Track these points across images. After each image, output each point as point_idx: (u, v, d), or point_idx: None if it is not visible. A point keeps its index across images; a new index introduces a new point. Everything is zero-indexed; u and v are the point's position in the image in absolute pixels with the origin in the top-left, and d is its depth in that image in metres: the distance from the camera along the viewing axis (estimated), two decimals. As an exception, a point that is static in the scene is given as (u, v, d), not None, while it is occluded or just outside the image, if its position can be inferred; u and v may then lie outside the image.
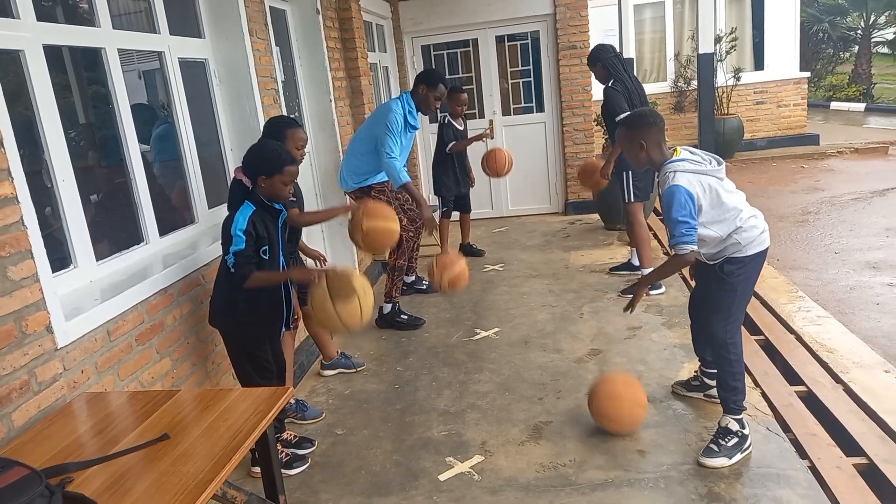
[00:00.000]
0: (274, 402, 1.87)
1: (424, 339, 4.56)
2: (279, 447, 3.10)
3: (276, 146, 2.86)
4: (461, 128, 6.14)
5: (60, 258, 2.61)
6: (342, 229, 5.41)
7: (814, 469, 2.80)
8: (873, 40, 18.70)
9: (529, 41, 7.78)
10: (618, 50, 5.25)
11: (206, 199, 3.67)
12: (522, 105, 7.99)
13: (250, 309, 2.81)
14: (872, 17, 18.08)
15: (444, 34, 7.81)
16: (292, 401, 3.57)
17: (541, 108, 7.87)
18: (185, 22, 3.71)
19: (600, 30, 10.32)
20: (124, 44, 3.07)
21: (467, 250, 6.52)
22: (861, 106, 16.85)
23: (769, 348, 4.01)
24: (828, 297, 5.07)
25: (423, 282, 5.55)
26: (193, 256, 3.16)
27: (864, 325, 4.52)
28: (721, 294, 2.90)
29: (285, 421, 3.51)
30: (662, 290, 4.96)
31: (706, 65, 3.67)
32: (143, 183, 3.11)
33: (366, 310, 2.80)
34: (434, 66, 7.96)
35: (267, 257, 2.82)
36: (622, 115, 4.80)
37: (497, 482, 2.89)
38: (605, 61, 5.05)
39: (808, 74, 12.12)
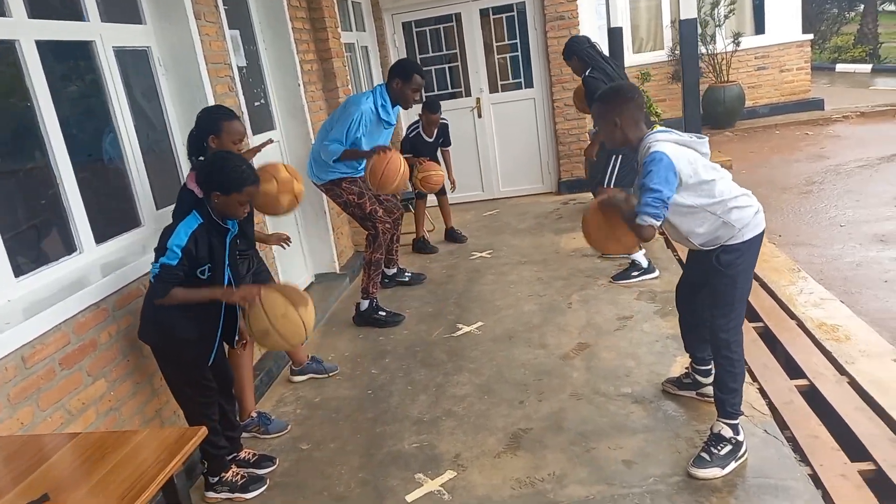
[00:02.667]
0: (180, 447, 1.61)
1: (403, 337, 4.30)
2: (233, 469, 2.86)
3: (241, 162, 2.57)
4: (430, 140, 5.82)
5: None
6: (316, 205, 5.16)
7: (815, 478, 2.53)
8: (879, -2, 18.08)
9: (515, 13, 7.40)
10: (593, 40, 5.04)
11: (152, 200, 3.39)
12: (511, 81, 7.64)
13: (183, 325, 2.55)
14: (878, -26, 17.46)
15: (426, 9, 7.44)
16: (254, 414, 3.32)
17: (529, 84, 7.52)
18: (122, 6, 3.41)
19: (591, -2, 9.93)
20: (44, 34, 2.78)
21: (451, 236, 6.24)
22: (867, 67, 16.32)
23: (768, 337, 3.73)
24: (833, 275, 4.77)
25: (406, 273, 5.28)
26: (135, 264, 2.90)
27: (872, 305, 4.23)
28: (721, 288, 2.61)
29: (249, 435, 3.28)
30: (656, 273, 4.67)
31: (689, 31, 3.34)
32: (73, 186, 2.83)
33: (308, 320, 2.62)
34: (417, 44, 7.62)
35: (205, 277, 2.59)
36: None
37: (468, 502, 2.64)
38: (581, 53, 4.80)
39: (811, 37, 11.66)
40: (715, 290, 2.64)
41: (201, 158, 3.06)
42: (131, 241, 3.20)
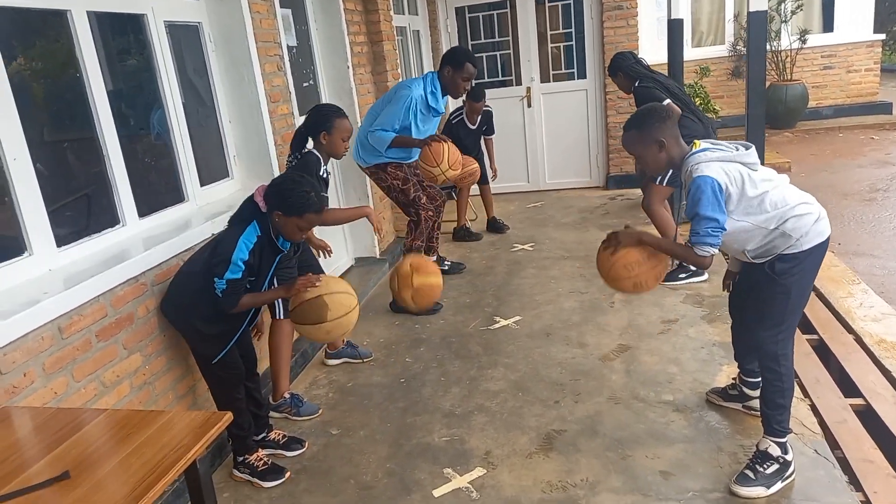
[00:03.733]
0: (204, 432, 1.58)
1: (439, 327, 4.24)
2: (258, 453, 2.85)
3: (309, 188, 2.56)
4: (473, 127, 5.75)
5: (14, 245, 2.37)
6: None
7: (868, 505, 2.38)
8: (960, -2, 17.10)
9: (572, 2, 7.21)
10: (639, 55, 4.85)
11: (197, 176, 3.39)
12: (563, 71, 7.47)
13: (204, 320, 2.62)
14: (960, -28, 16.52)
15: (480, -6, 7.32)
16: (287, 395, 3.31)
17: (582, 75, 7.33)
18: (176, -19, 3.40)
19: (652, -12, 9.63)
20: (95, 5, 2.78)
21: (493, 226, 6.14)
22: (942, 70, 15.49)
23: (823, 350, 3.54)
24: (894, 288, 4.51)
25: (446, 262, 5.21)
26: (176, 240, 2.90)
27: (937, 324, 3.97)
28: (772, 297, 2.46)
29: (280, 416, 3.27)
30: (705, 276, 4.50)
31: (758, 25, 3.15)
32: (118, 159, 2.84)
33: (346, 321, 2.73)
34: (469, 30, 7.50)
35: (249, 287, 2.62)
36: (664, 102, 4.35)
37: (496, 502, 2.57)
38: (626, 69, 4.62)
39: (882, 37, 11.08)
40: (765, 299, 2.49)
41: (299, 156, 3.27)
42: (175, 217, 3.20)
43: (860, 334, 3.57)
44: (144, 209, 3.02)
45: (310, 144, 3.36)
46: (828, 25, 10.60)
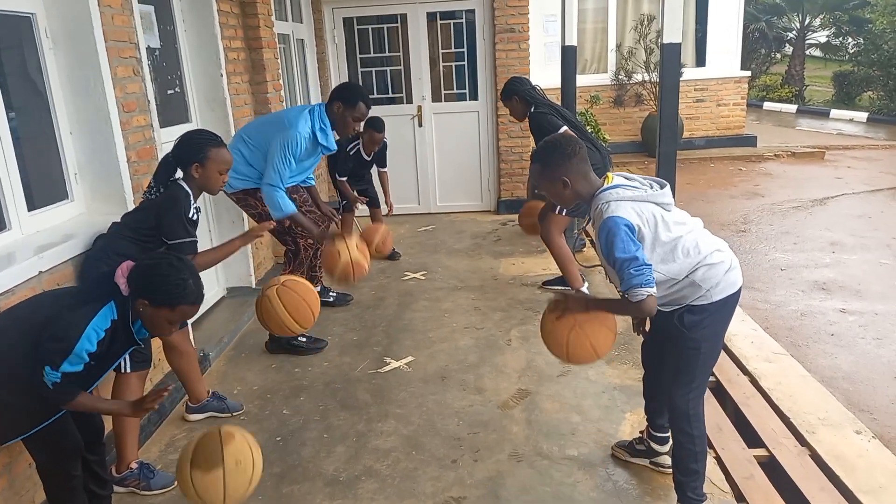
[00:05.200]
0: None
1: (323, 370, 3.80)
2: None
3: (187, 275, 2.09)
4: (368, 159, 5.42)
5: None
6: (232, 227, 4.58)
7: (785, 576, 2.23)
8: (807, 42, 18.88)
9: (464, 21, 7.02)
10: (534, 82, 4.69)
11: (23, 198, 2.78)
12: (455, 91, 7.25)
13: (18, 395, 2.08)
14: (808, 19, 18.23)
15: (370, 6, 6.97)
16: (135, 465, 2.76)
17: (474, 96, 7.15)
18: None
19: (540, 14, 9.71)
20: None
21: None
22: (793, 107, 16.95)
23: (720, 392, 3.47)
24: (778, 323, 4.60)
25: (331, 294, 4.78)
26: (-11, 279, 2.30)
27: (822, 362, 4.06)
28: (681, 353, 2.28)
29: (125, 491, 2.72)
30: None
31: (672, 57, 3.04)
32: None
33: (231, 491, 2.10)
34: (358, 42, 7.12)
35: (85, 371, 2.08)
36: (562, 129, 4.26)
37: None
38: (522, 94, 4.45)
39: (748, 74, 11.89)
40: (676, 354, 2.32)
41: (162, 188, 2.78)
42: (-11, 250, 2.58)
43: (755, 376, 3.53)
44: (-54, 241, 2.39)
45: (178, 173, 2.84)
46: (700, 60, 11.18)
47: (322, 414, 3.33)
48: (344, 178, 5.29)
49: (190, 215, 2.75)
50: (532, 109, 4.46)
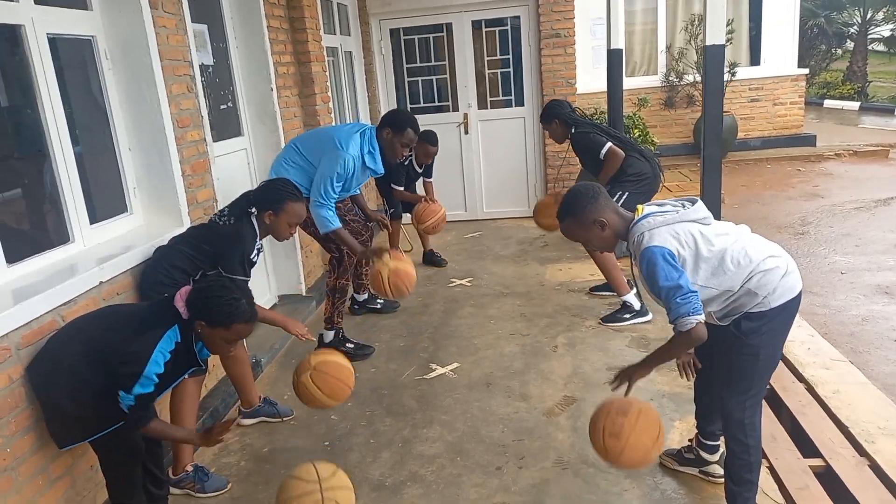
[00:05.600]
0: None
1: (370, 377, 3.86)
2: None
3: (239, 295, 2.22)
4: (419, 171, 5.53)
5: None
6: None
7: (841, 591, 2.15)
8: (869, 37, 18.14)
9: (509, 28, 7.04)
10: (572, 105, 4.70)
11: (86, 212, 2.93)
12: (501, 98, 7.26)
13: (82, 406, 2.21)
14: (870, 13, 17.51)
15: (416, 17, 7.06)
16: (190, 468, 2.86)
17: (520, 102, 7.15)
18: (64, -12, 2.96)
19: (587, 18, 9.64)
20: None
21: (430, 259, 5.82)
22: (855, 105, 16.30)
23: (774, 401, 3.36)
24: (838, 329, 4.43)
25: (378, 300, 4.84)
26: (55, 290, 2.44)
27: (883, 368, 3.89)
28: (738, 359, 2.22)
29: (181, 492, 2.82)
30: (649, 317, 4.30)
31: (715, 59, 2.98)
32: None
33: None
34: (404, 53, 7.22)
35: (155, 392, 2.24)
36: (606, 146, 4.25)
37: None
38: (563, 116, 4.47)
39: (806, 71, 11.49)
40: (732, 361, 2.26)
41: (232, 220, 2.90)
42: (55, 261, 2.72)
43: (812, 383, 3.41)
44: (14, 253, 2.54)
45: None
46: (755, 59, 10.87)
47: (369, 419, 3.39)
48: (401, 188, 5.35)
49: (251, 256, 2.89)
50: (573, 130, 4.45)
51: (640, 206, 2.25)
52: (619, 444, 2.11)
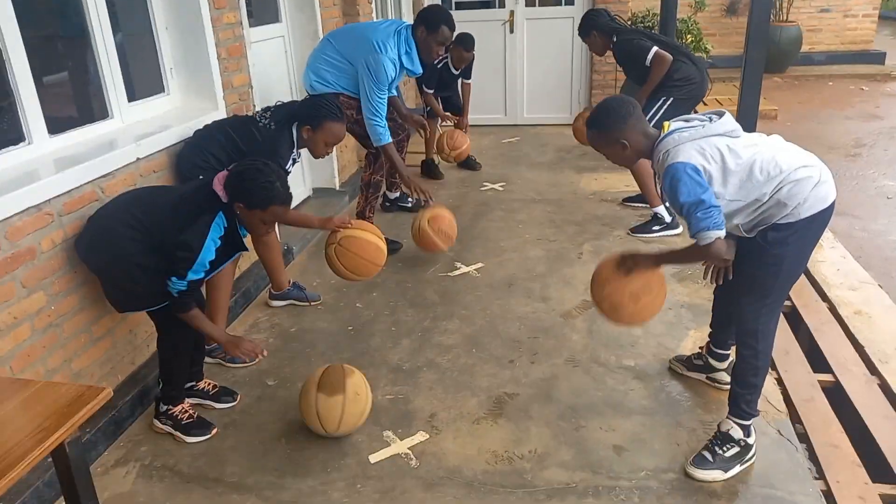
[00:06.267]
0: (73, 412, 1.31)
1: (396, 270, 3.97)
2: (183, 404, 2.60)
3: (274, 178, 2.29)
4: (455, 73, 5.38)
5: None
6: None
7: (829, 495, 2.23)
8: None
9: (564, -81, 6.64)
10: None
11: (124, 89, 2.99)
12: (550, -5, 6.95)
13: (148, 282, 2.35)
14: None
15: None
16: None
17: (570, 2, 6.85)
18: None
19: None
20: None
21: (464, 162, 5.80)
22: (938, 22, 15.08)
23: (794, 318, 3.37)
24: (873, 252, 4.35)
25: (409, 199, 4.90)
26: (94, 162, 2.55)
27: (914, 295, 3.82)
28: (761, 268, 2.20)
29: (213, 361, 3.02)
30: (679, 230, 4.27)
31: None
32: (23, 64, 2.43)
33: (347, 416, 2.44)
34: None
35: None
36: (653, 50, 4.08)
37: (437, 472, 2.38)
38: (601, 27, 4.28)
39: (885, -19, 10.63)
40: (754, 269, 2.24)
41: (273, 124, 2.90)
42: (94, 136, 2.82)
43: (835, 303, 3.39)
44: (57, 125, 2.64)
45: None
46: (830, -35, 10.09)
47: (392, 309, 3.52)
48: (431, 91, 5.29)
49: (287, 166, 2.93)
50: (615, 38, 4.26)
51: (666, 123, 2.21)
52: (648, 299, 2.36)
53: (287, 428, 2.63)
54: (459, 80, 5.53)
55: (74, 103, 2.92)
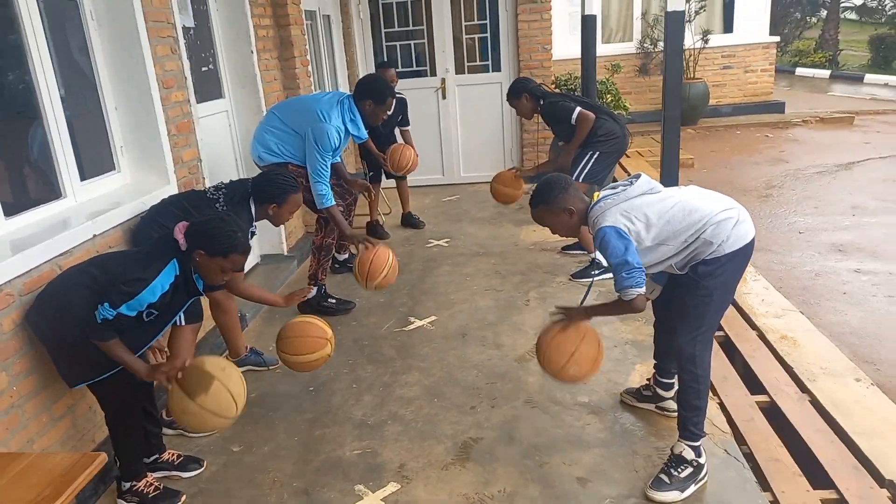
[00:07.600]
0: (69, 481, 1.35)
1: (351, 329, 4.05)
2: (148, 478, 2.58)
3: (236, 228, 2.40)
4: (385, 130, 5.61)
5: None
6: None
7: (777, 505, 2.42)
8: (842, 5, 18.40)
9: (487, -7, 7.12)
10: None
11: (77, 169, 3.04)
12: (478, 63, 7.37)
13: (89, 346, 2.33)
14: (842, -19, 17.74)
15: (394, -19, 7.10)
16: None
17: (497, 68, 7.28)
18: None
19: (564, -17, 9.71)
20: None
21: (408, 221, 5.99)
22: (826, 73, 16.62)
23: (729, 347, 3.62)
24: (792, 283, 4.71)
25: (348, 263, 5.00)
26: (50, 242, 2.57)
27: (831, 318, 4.18)
28: (692, 300, 2.45)
29: (174, 433, 3.01)
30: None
31: (675, 24, 3.15)
32: (-22, 151, 2.48)
33: (236, 390, 2.34)
34: (382, 17, 7.27)
35: (149, 319, 2.39)
36: (577, 111, 4.43)
37: (411, 520, 2.44)
38: (531, 90, 4.65)
39: (777, 39, 11.71)
40: (687, 301, 2.48)
41: (226, 206, 3.04)
42: (49, 214, 2.85)
43: (763, 330, 3.67)
44: (11, 207, 2.67)
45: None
46: (728, 26, 11.06)
47: (351, 367, 3.59)
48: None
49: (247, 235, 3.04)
50: (543, 102, 4.62)
51: (596, 193, 2.52)
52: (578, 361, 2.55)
53: (255, 492, 2.64)
54: (396, 130, 5.72)
55: (27, 184, 2.94)
